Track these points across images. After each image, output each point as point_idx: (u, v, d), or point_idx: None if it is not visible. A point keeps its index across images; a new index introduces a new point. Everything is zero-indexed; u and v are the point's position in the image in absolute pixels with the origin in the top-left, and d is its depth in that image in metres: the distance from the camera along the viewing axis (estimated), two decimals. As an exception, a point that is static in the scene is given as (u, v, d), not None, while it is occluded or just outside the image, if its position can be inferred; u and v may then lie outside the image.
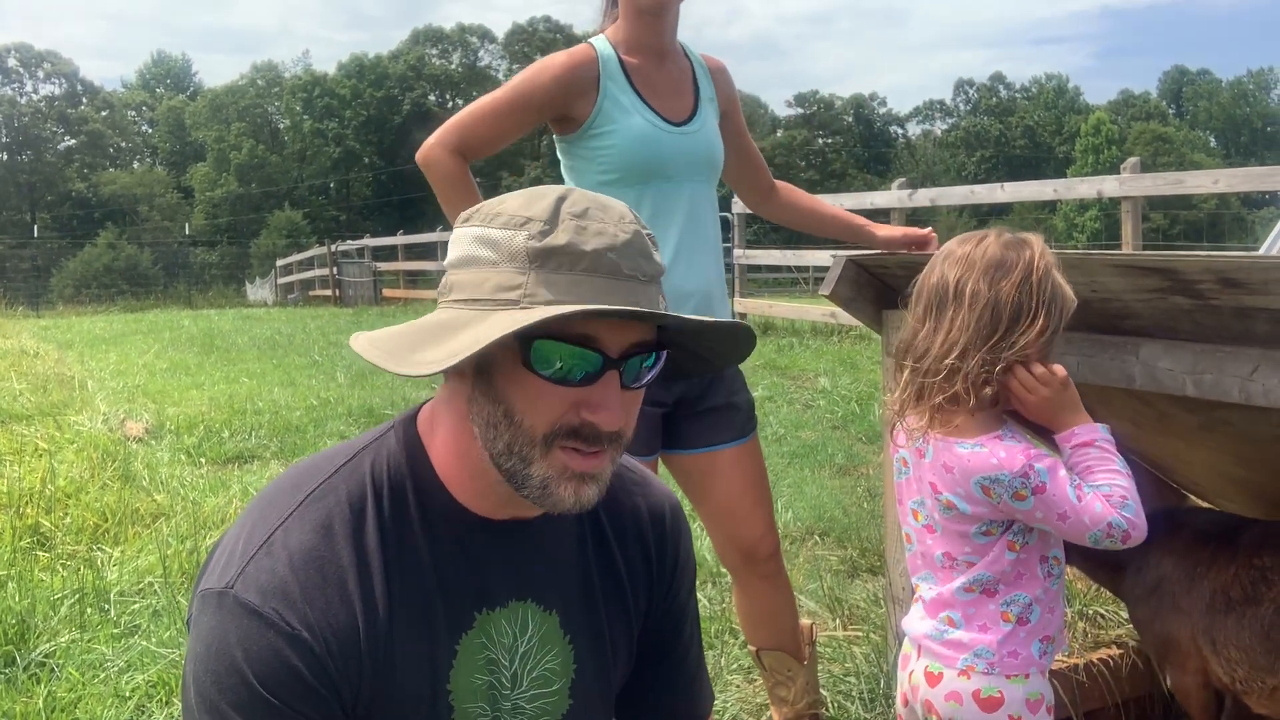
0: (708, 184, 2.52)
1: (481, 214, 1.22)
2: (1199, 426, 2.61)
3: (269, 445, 6.38)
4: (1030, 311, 1.85)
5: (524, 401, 1.18)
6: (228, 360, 10.75)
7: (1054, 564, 1.95)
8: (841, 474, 5.61)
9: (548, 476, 1.19)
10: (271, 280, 33.50)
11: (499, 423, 1.19)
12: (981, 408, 1.89)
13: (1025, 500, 1.85)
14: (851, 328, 10.87)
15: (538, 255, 1.15)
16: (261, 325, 15.80)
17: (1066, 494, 1.85)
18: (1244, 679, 2.22)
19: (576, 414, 1.17)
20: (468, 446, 1.24)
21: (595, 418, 1.17)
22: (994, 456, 1.85)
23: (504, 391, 1.19)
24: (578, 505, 1.20)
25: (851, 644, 3.13)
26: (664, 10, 2.41)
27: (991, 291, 1.86)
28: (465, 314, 1.18)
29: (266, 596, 1.18)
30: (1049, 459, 1.88)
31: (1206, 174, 8.37)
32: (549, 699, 1.34)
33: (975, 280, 1.89)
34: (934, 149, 79.82)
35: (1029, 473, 1.84)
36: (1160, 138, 64.61)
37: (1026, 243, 1.91)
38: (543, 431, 1.18)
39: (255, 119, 69.71)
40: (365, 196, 69.38)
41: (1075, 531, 1.84)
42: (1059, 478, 1.85)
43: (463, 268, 1.21)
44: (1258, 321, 2.05)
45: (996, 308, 1.87)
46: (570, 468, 1.19)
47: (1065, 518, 1.84)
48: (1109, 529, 1.82)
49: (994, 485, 1.84)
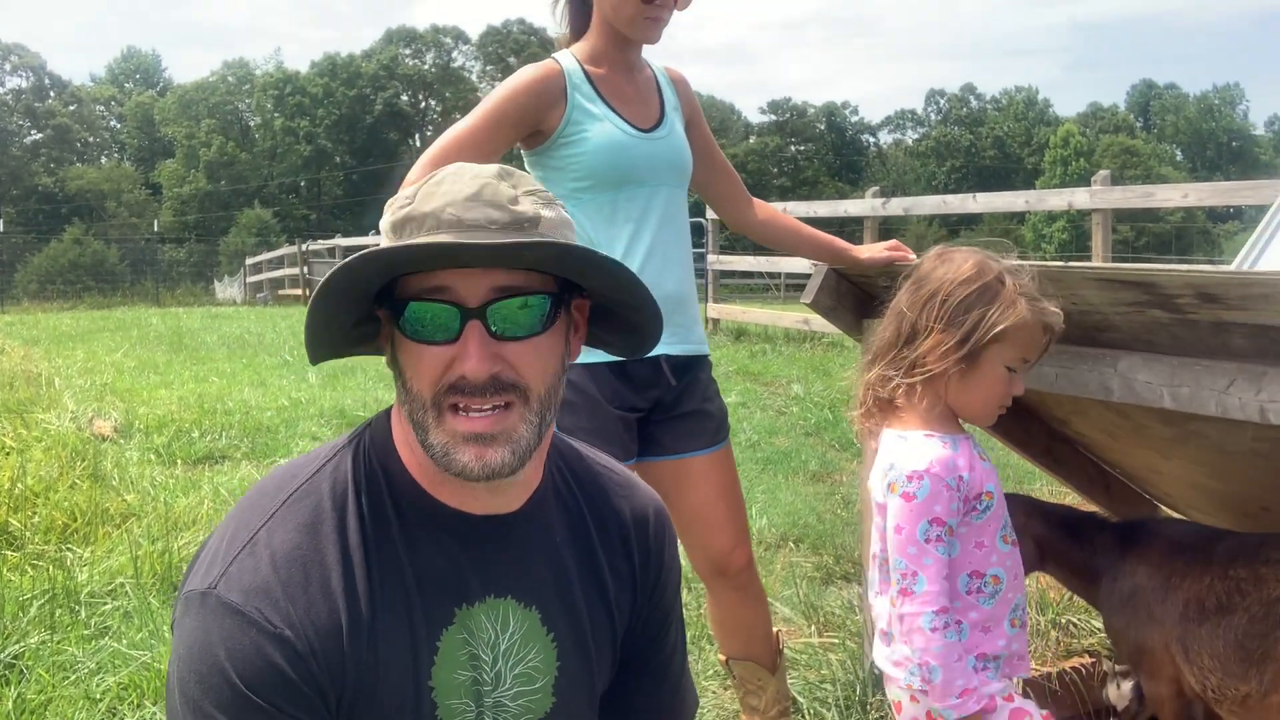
0: (678, 189, 2.53)
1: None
2: (1174, 438, 2.64)
3: (240, 446, 6.33)
4: (927, 328, 1.86)
5: (411, 368, 1.22)
6: (197, 359, 10.65)
7: (990, 583, 1.90)
8: (815, 480, 5.63)
9: (446, 443, 1.21)
10: (240, 279, 33.24)
11: (402, 395, 1.24)
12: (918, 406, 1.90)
13: (891, 494, 1.84)
14: (824, 334, 10.91)
15: (395, 227, 1.20)
16: (231, 324, 15.67)
17: (916, 535, 1.80)
18: (1217, 687, 2.24)
19: (452, 371, 1.19)
20: (407, 430, 1.27)
21: (463, 369, 1.18)
22: (907, 447, 1.86)
23: (401, 364, 1.24)
24: (485, 470, 1.20)
25: (827, 651, 3.14)
26: (652, 43, 2.46)
27: (905, 306, 1.91)
28: None
29: (249, 596, 1.18)
30: (950, 497, 1.82)
31: (1176, 188, 8.47)
32: (532, 696, 1.34)
33: (900, 293, 1.95)
34: (905, 158, 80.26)
35: (914, 477, 1.82)
36: (1128, 150, 65.31)
37: (955, 258, 1.90)
38: (429, 394, 1.20)
39: (225, 116, 69.16)
40: (336, 196, 69.00)
41: (892, 565, 1.82)
42: (932, 515, 1.80)
43: None
44: (1234, 336, 2.08)
45: (901, 322, 1.91)
46: (459, 430, 1.20)
47: (899, 548, 1.81)
48: (912, 633, 1.79)
49: (888, 472, 1.86)
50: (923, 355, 1.86)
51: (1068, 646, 3.14)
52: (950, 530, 1.82)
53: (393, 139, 73.72)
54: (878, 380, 1.93)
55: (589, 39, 2.46)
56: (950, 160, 77.07)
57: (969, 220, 52.70)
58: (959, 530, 1.85)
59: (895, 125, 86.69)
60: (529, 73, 2.39)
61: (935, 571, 1.80)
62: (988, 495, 1.89)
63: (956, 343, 1.83)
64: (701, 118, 2.65)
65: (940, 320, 1.84)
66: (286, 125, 67.12)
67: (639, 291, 1.30)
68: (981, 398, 1.89)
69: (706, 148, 2.64)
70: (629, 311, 1.35)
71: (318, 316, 1.23)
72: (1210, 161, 74.54)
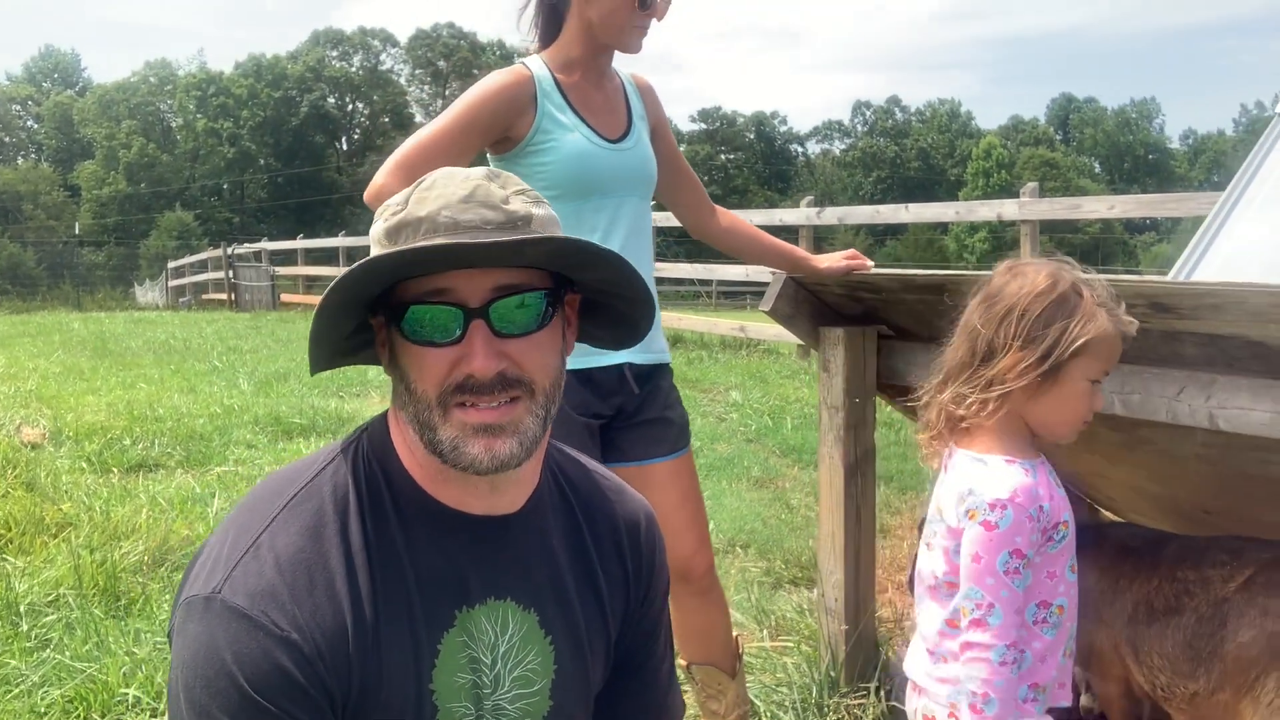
0: (644, 199, 2.55)
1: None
2: (1122, 444, 2.72)
3: (173, 454, 6.19)
4: (1005, 345, 1.81)
5: (414, 370, 1.23)
6: (123, 365, 10.40)
7: (1055, 613, 1.85)
8: (759, 486, 5.68)
9: (455, 437, 1.22)
10: (162, 283, 32.54)
11: (404, 397, 1.25)
12: (995, 425, 1.84)
13: (970, 521, 1.78)
14: (760, 341, 11.01)
15: (389, 234, 1.21)
16: (155, 329, 15.32)
17: (996, 566, 1.74)
18: (1166, 686, 2.31)
19: (459, 370, 1.21)
20: (406, 433, 1.28)
21: (470, 368, 1.20)
22: (987, 472, 1.81)
23: (403, 368, 1.25)
24: (495, 461, 1.22)
25: (782, 655, 3.18)
26: (636, 52, 2.46)
27: (978, 322, 1.86)
28: None
29: (255, 599, 1.18)
30: (1031, 527, 1.76)
31: (1101, 200, 8.71)
32: (531, 699, 1.35)
33: (970, 310, 1.90)
34: (833, 168, 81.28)
35: (997, 506, 1.77)
36: (1048, 163, 66.88)
37: (1028, 272, 1.86)
38: (434, 394, 1.22)
39: (147, 117, 67.75)
40: (260, 199, 67.92)
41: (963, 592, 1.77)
42: (1013, 546, 1.74)
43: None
44: (1185, 344, 2.16)
45: (975, 340, 1.85)
46: (468, 422, 1.22)
47: (975, 576, 1.75)
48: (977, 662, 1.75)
49: (967, 497, 1.81)
50: (1001, 372, 1.80)
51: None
52: (1028, 562, 1.78)
53: (319, 141, 72.78)
54: (952, 399, 1.87)
55: (563, 47, 2.45)
56: (876, 171, 78.28)
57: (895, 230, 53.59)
58: (1034, 561, 1.80)
59: (823, 135, 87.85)
60: (499, 78, 2.39)
61: (1010, 604, 1.76)
62: (1064, 525, 1.84)
63: (1038, 359, 1.78)
64: (667, 126, 2.67)
65: (1019, 336, 1.79)
66: (209, 127, 65.92)
67: (637, 283, 1.33)
68: (1065, 413, 1.84)
69: (671, 156, 2.67)
70: (623, 304, 1.38)
71: (322, 326, 1.22)
72: (1127, 174, 76.61)
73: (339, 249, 22.08)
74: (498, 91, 2.36)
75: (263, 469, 5.84)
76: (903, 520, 4.92)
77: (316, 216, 63.31)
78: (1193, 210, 7.01)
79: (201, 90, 67.18)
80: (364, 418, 6.85)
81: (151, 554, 4.04)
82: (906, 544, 4.51)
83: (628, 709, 1.53)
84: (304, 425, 7.01)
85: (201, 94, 67.05)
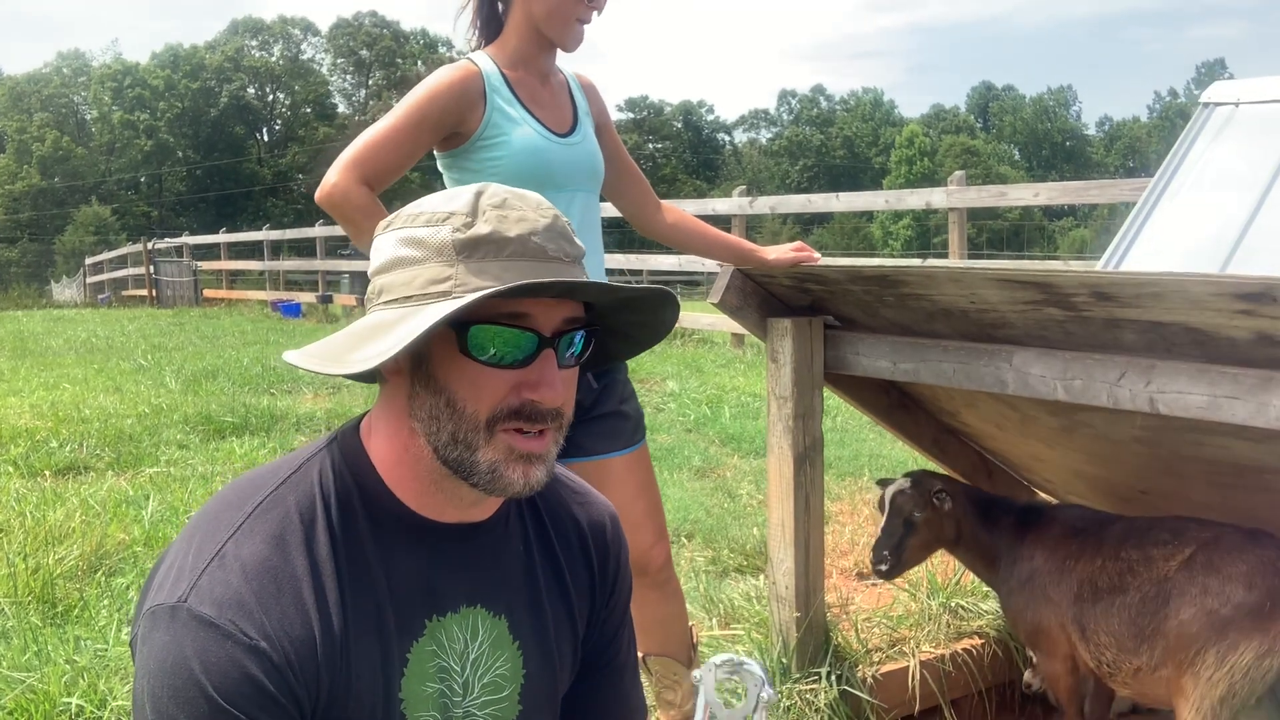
0: (593, 193, 2.56)
1: (403, 217, 1.24)
2: (1060, 429, 2.80)
3: (102, 455, 6.05)
4: None
5: (465, 388, 1.20)
6: (44, 365, 10.14)
7: None
8: (700, 476, 5.72)
9: (495, 461, 1.21)
10: (80, 279, 31.75)
11: (441, 413, 1.21)
12: None
13: None
14: (694, 331, 11.07)
15: (464, 246, 1.18)
16: (75, 327, 14.96)
17: None
18: (1111, 662, 2.39)
19: (517, 395, 1.20)
20: (408, 444, 1.26)
21: (536, 395, 1.20)
22: None
23: (444, 381, 1.21)
24: (528, 487, 1.23)
25: (733, 643, 3.21)
26: (576, 47, 2.47)
27: None
28: (397, 311, 1.20)
29: (222, 608, 1.16)
30: None
31: (1028, 187, 8.88)
32: (500, 705, 1.35)
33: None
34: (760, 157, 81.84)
35: None
36: (969, 150, 68.03)
37: None
38: (486, 416, 1.20)
39: (60, 109, 65.99)
40: (179, 192, 66.54)
41: None
42: None
43: (390, 270, 1.22)
44: (1126, 331, 2.22)
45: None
46: (516, 448, 1.21)
47: None
48: None
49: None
50: None
51: (958, 629, 3.27)
52: None
53: (239, 133, 71.45)
54: None
55: (506, 43, 2.46)
56: (803, 159, 78.99)
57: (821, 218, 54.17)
58: None
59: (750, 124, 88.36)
60: (448, 73, 2.38)
61: None
62: None
63: None
64: (611, 123, 2.68)
65: None
66: (125, 119, 64.39)
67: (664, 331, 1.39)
68: None
69: (616, 152, 2.67)
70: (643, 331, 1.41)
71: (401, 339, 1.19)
72: (1046, 160, 78.24)
73: (263, 242, 21.70)
74: (448, 87, 2.35)
75: (195, 469, 5.74)
76: (843, 506, 4.99)
77: (238, 209, 62.18)
78: (1115, 197, 7.19)
79: (117, 81, 65.59)
80: (297, 415, 6.72)
81: (87, 559, 3.95)
82: (849, 530, 4.58)
83: (592, 709, 1.53)
84: (236, 424, 6.88)
85: (117, 85, 65.46)
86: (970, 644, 3.20)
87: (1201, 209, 3.70)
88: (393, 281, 1.21)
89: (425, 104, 2.33)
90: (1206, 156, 3.87)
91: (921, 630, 3.23)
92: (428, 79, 2.38)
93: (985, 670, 3.17)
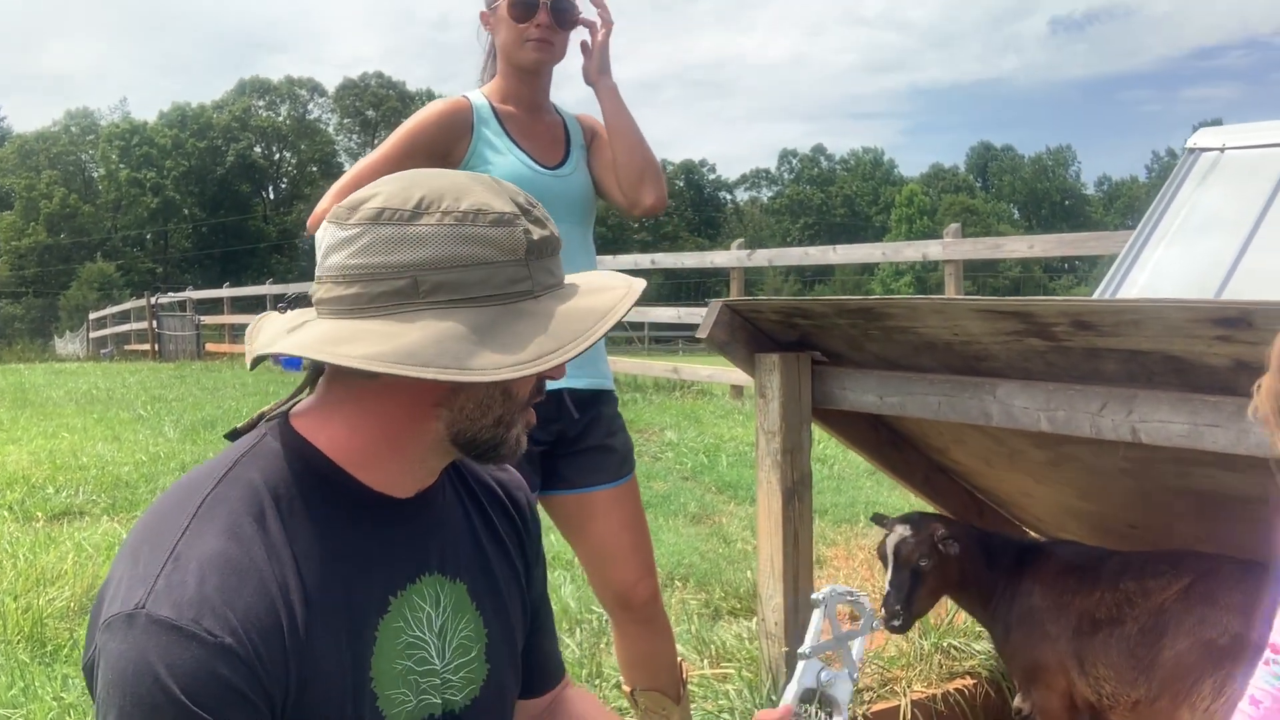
0: (581, 226, 2.58)
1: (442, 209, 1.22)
2: (1047, 462, 2.81)
3: (98, 501, 6.05)
4: None
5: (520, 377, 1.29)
6: (44, 415, 10.14)
7: None
8: (696, 522, 5.70)
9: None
10: (83, 334, 31.85)
11: (495, 401, 1.28)
12: None
13: None
14: (693, 383, 11.08)
15: (534, 248, 1.25)
16: (77, 379, 14.97)
17: None
18: (1110, 694, 2.38)
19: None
20: (404, 431, 1.27)
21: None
22: None
23: None
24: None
25: (724, 681, 3.19)
26: (539, 68, 2.53)
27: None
28: (490, 311, 1.21)
29: (183, 609, 1.14)
30: None
31: (1022, 239, 8.93)
32: (470, 667, 1.37)
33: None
34: (761, 215, 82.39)
35: None
36: (968, 209, 68.48)
37: None
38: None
39: (68, 167, 66.57)
40: (184, 249, 66.95)
41: None
42: None
43: (453, 268, 1.21)
44: (1106, 361, 2.24)
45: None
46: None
47: None
48: None
49: None
50: None
51: (950, 669, 3.25)
52: None
53: (245, 191, 72.07)
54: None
55: (496, 81, 2.56)
56: (804, 217, 79.51)
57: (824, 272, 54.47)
58: None
59: (751, 183, 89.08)
60: (438, 105, 2.46)
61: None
62: None
63: None
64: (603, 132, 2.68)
65: None
66: (132, 176, 64.94)
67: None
68: None
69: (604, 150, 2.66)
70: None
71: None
72: (1045, 219, 78.67)
73: (266, 296, 21.80)
74: (437, 117, 2.42)
75: (192, 515, 5.72)
76: (838, 551, 4.98)
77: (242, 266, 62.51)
78: (1110, 248, 7.22)
79: (125, 140, 66.26)
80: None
81: (78, 600, 3.95)
82: (843, 574, 4.56)
83: (537, 660, 1.57)
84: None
85: (125, 143, 66.12)
86: (962, 684, 3.18)
87: (1188, 251, 3.74)
88: (462, 279, 1.20)
89: (414, 134, 2.40)
90: (1193, 200, 3.92)
91: (913, 670, 3.21)
92: (419, 111, 2.45)
93: (977, 710, 3.15)
